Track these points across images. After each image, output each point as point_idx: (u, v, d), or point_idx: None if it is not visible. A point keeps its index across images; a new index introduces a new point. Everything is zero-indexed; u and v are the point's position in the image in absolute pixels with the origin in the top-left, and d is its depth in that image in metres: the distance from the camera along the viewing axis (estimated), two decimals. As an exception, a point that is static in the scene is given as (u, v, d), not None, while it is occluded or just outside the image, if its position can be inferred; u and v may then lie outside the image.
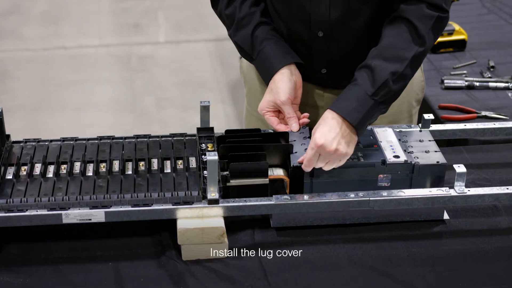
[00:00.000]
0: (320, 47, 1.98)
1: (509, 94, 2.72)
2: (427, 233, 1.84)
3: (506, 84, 2.74)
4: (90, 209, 1.71)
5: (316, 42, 1.97)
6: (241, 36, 1.99)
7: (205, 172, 1.79)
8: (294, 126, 1.91)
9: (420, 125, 2.02)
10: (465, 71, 2.87)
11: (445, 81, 2.77)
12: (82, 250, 1.76)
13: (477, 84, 2.75)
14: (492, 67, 2.88)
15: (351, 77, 1.85)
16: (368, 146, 1.88)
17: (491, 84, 2.75)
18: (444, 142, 2.14)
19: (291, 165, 1.81)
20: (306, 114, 1.94)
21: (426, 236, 1.83)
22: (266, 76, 1.96)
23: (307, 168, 1.80)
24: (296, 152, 1.84)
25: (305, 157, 1.80)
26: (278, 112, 1.95)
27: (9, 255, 1.74)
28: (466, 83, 2.76)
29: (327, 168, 1.80)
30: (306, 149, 1.83)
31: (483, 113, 2.58)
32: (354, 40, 1.97)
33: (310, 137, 1.87)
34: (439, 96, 2.71)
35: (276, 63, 1.94)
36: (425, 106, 2.68)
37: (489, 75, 2.82)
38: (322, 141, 1.75)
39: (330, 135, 1.76)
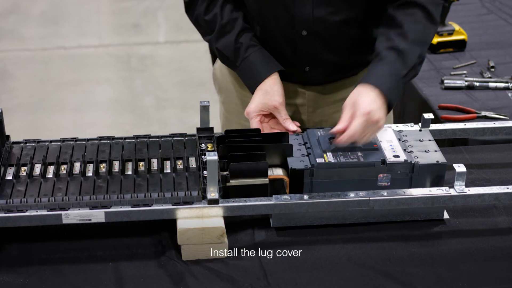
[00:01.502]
0: (304, 46, 2.00)
1: (509, 94, 2.71)
2: (427, 233, 1.84)
3: (506, 84, 2.74)
4: (90, 209, 1.71)
5: (300, 41, 1.99)
6: (224, 43, 1.98)
7: (205, 172, 1.79)
8: (291, 126, 1.94)
9: (420, 124, 2.02)
10: (465, 71, 2.87)
11: (445, 81, 2.76)
12: (82, 250, 1.76)
13: (477, 84, 2.75)
14: (492, 67, 2.88)
15: (334, 73, 1.98)
16: (368, 145, 1.87)
17: (491, 84, 2.75)
18: (444, 141, 2.14)
19: (291, 167, 1.82)
20: (297, 123, 1.97)
21: (426, 236, 1.83)
22: (252, 82, 1.97)
23: (349, 140, 1.78)
24: (293, 156, 1.85)
25: (346, 127, 1.78)
26: (263, 116, 1.97)
27: (9, 255, 1.74)
28: (466, 83, 2.75)
29: (365, 140, 1.79)
30: (303, 154, 1.85)
31: (483, 113, 2.57)
32: (337, 37, 1.99)
33: (305, 143, 1.89)
34: (439, 96, 2.71)
35: (265, 70, 1.96)
36: (425, 106, 2.68)
37: (489, 75, 2.82)
38: (370, 108, 1.76)
39: (376, 104, 1.79)
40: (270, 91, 1.94)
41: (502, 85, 2.74)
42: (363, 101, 1.78)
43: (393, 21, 1.90)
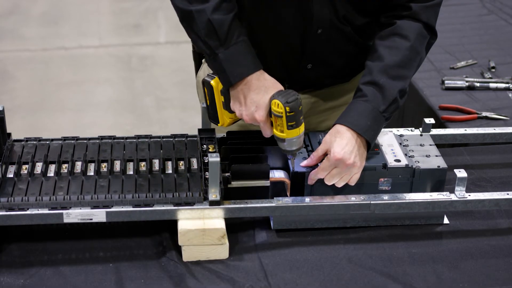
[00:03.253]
0: (315, 44, 1.96)
1: (510, 95, 2.72)
2: (427, 233, 1.84)
3: (507, 85, 2.74)
4: (91, 208, 1.71)
5: (313, 39, 1.95)
6: (222, 17, 1.77)
7: (206, 173, 1.79)
8: None
9: (420, 129, 2.02)
10: (465, 72, 2.87)
11: (446, 81, 2.77)
12: (83, 251, 1.76)
13: (478, 84, 2.75)
14: (493, 67, 2.88)
15: (331, 76, 1.95)
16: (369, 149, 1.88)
17: (491, 85, 2.75)
18: (444, 144, 2.14)
19: (293, 169, 1.81)
20: None
21: (426, 236, 1.83)
22: (239, 71, 1.77)
23: (315, 177, 1.79)
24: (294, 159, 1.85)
25: (313, 163, 1.80)
26: None
27: (10, 256, 1.74)
28: (467, 83, 2.76)
29: (340, 184, 1.80)
30: (304, 157, 1.84)
31: (484, 113, 2.58)
32: (346, 40, 1.97)
33: (306, 146, 1.90)
34: (440, 97, 2.71)
35: (258, 63, 1.80)
36: (426, 107, 2.69)
37: (490, 76, 2.82)
38: (341, 155, 1.75)
39: (348, 148, 1.77)
40: (270, 85, 1.78)
41: (503, 85, 2.74)
42: (337, 145, 1.77)
43: (375, 53, 1.87)
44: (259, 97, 1.76)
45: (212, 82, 1.83)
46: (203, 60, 2.24)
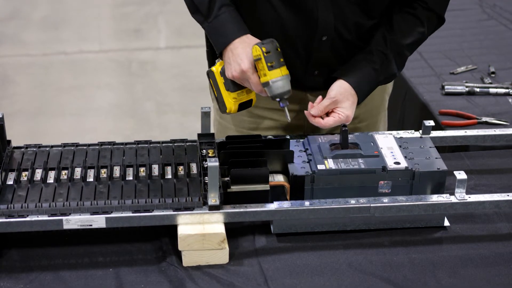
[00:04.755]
0: (323, 51, 2.02)
1: (510, 100, 2.71)
2: (428, 238, 1.84)
3: (507, 90, 2.74)
4: (91, 214, 1.71)
5: (319, 46, 2.00)
6: None
7: (206, 178, 1.79)
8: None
9: (420, 131, 2.02)
10: (465, 77, 2.87)
11: (446, 87, 2.77)
12: (83, 256, 1.76)
13: (478, 90, 2.75)
14: (493, 72, 2.88)
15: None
16: (369, 152, 1.88)
17: (491, 90, 2.75)
18: (444, 147, 2.14)
19: (291, 173, 1.82)
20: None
21: (427, 241, 1.83)
22: (222, 40, 1.92)
23: (315, 124, 1.94)
24: (294, 163, 1.85)
25: (318, 116, 1.93)
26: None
27: (10, 261, 1.74)
28: (467, 88, 2.76)
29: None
30: (304, 160, 1.86)
31: (484, 119, 2.57)
32: (351, 46, 2.04)
33: (306, 150, 1.91)
34: (440, 102, 2.71)
35: (241, 28, 1.92)
36: (426, 112, 2.68)
37: (490, 81, 2.82)
38: (350, 118, 1.94)
39: (353, 109, 1.96)
40: (253, 41, 1.88)
41: (503, 90, 2.74)
42: (349, 108, 1.95)
43: (393, 26, 2.00)
44: (242, 51, 1.88)
45: (212, 68, 1.97)
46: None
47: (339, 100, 1.94)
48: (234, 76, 1.90)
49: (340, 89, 1.95)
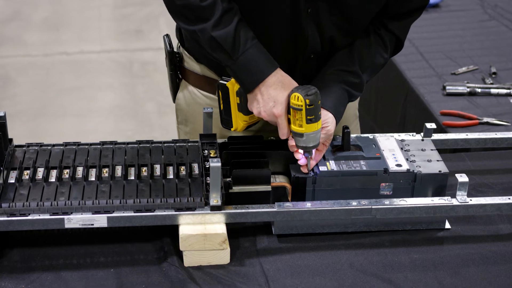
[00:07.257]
0: (308, 68, 1.97)
1: (511, 100, 2.72)
2: (429, 239, 1.84)
3: (508, 91, 2.74)
4: (93, 214, 1.71)
5: (307, 64, 1.96)
6: (224, 31, 1.77)
7: (207, 178, 1.79)
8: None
9: (422, 134, 2.03)
10: (466, 78, 2.87)
11: (447, 87, 2.77)
12: (84, 257, 1.76)
13: (479, 90, 2.76)
14: (494, 73, 2.88)
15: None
16: (370, 154, 1.88)
17: (492, 91, 2.75)
18: (446, 149, 2.14)
19: (293, 175, 1.82)
20: None
21: (428, 242, 1.83)
22: (255, 78, 1.79)
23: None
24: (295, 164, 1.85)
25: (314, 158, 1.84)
26: None
27: (11, 261, 1.74)
28: (468, 89, 2.76)
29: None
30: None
31: (485, 119, 2.58)
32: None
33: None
34: (441, 103, 2.71)
35: (272, 62, 1.81)
36: (427, 113, 2.69)
37: (491, 81, 2.82)
38: (331, 138, 1.88)
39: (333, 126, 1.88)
40: (287, 82, 1.80)
41: (504, 91, 2.75)
42: (333, 128, 1.85)
43: (365, 48, 1.95)
44: (277, 92, 1.78)
45: (228, 84, 1.83)
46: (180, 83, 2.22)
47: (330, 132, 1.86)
48: (262, 115, 1.80)
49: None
